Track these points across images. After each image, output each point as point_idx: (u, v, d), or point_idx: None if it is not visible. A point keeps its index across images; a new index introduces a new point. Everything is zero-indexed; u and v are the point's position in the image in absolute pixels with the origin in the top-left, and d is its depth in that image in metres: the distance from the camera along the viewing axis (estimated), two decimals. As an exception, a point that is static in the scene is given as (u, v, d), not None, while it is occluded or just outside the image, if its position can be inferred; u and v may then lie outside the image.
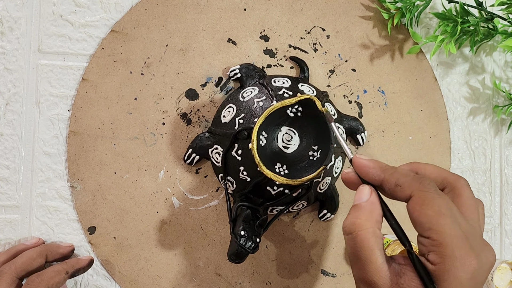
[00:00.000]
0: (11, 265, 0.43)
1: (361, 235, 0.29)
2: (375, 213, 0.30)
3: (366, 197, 0.31)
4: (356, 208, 0.31)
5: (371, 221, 0.30)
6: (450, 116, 0.53)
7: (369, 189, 0.31)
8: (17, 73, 0.49)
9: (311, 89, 0.48)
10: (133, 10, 0.49)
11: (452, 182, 0.32)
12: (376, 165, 0.32)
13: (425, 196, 0.29)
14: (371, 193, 0.31)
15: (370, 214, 0.30)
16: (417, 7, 0.49)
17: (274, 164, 0.42)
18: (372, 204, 0.31)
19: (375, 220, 0.30)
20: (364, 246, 0.29)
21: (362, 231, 0.29)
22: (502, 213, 0.53)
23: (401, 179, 0.30)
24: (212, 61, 0.50)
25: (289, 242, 0.50)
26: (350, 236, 0.30)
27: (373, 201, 0.31)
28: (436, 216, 0.28)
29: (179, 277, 0.49)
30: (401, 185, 0.30)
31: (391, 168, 0.31)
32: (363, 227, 0.29)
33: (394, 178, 0.30)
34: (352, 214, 0.30)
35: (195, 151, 0.48)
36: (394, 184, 0.30)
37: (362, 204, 0.31)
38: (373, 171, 0.32)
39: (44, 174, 0.49)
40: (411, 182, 0.30)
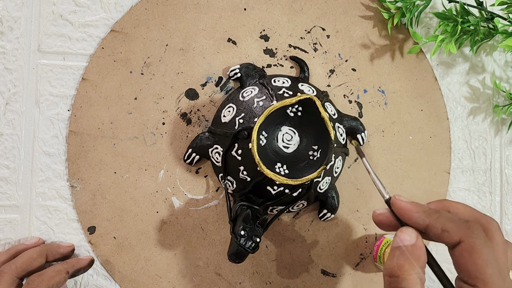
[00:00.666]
0: (12, 265, 0.42)
1: (408, 279, 0.29)
2: (422, 258, 0.30)
3: (412, 241, 0.30)
4: (401, 251, 0.30)
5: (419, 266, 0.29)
6: (450, 116, 0.53)
7: (414, 232, 0.31)
8: (17, 72, 0.49)
9: (311, 88, 0.48)
10: (133, 9, 0.49)
11: (485, 225, 0.32)
12: (420, 209, 0.31)
13: (474, 243, 0.28)
14: (417, 237, 0.30)
15: (418, 259, 0.30)
16: (417, 6, 0.49)
17: (274, 164, 0.42)
18: (419, 249, 0.30)
19: (421, 265, 0.30)
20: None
21: (410, 275, 0.29)
22: (502, 213, 0.53)
23: (447, 225, 0.30)
24: (212, 60, 0.50)
25: (289, 242, 0.50)
26: (394, 279, 0.29)
27: (420, 245, 0.30)
28: (485, 265, 0.28)
29: (179, 277, 0.49)
30: (448, 230, 0.30)
31: (435, 213, 0.31)
32: (411, 272, 0.29)
33: (440, 224, 0.30)
34: (398, 257, 0.30)
35: (195, 151, 0.48)
36: (441, 229, 0.30)
37: (408, 247, 0.30)
38: (416, 215, 0.31)
39: (44, 174, 0.49)
40: (458, 228, 0.29)
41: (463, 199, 0.53)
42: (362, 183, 0.51)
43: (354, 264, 0.51)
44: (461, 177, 0.53)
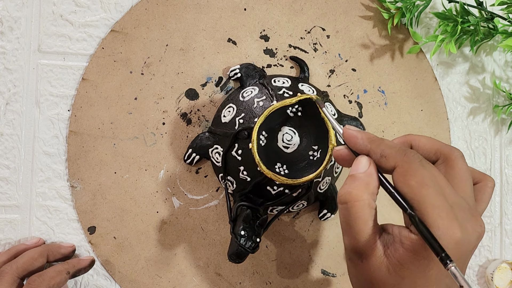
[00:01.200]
0: (13, 265, 0.43)
1: (356, 205, 0.29)
2: (371, 184, 0.30)
3: (364, 168, 0.30)
4: (352, 178, 0.30)
5: (367, 192, 0.30)
6: (450, 116, 0.53)
7: (367, 160, 0.31)
8: (17, 73, 0.49)
9: (311, 89, 0.48)
10: (133, 10, 0.49)
11: (445, 154, 0.32)
12: (364, 136, 0.32)
13: (408, 167, 0.29)
14: (369, 164, 0.31)
15: (367, 185, 0.30)
16: (417, 7, 0.49)
17: (274, 164, 0.42)
18: (369, 176, 0.30)
19: (371, 191, 0.30)
20: (359, 217, 0.29)
21: (357, 201, 0.29)
22: (502, 213, 0.53)
23: (386, 150, 0.30)
24: (212, 61, 0.50)
25: (289, 242, 0.50)
26: (345, 205, 0.30)
27: (370, 172, 0.30)
28: (418, 186, 0.28)
29: (179, 277, 0.49)
30: (386, 156, 0.30)
31: (378, 139, 0.31)
32: (359, 198, 0.29)
33: (379, 149, 0.30)
34: (349, 184, 0.30)
35: (195, 151, 0.48)
36: (380, 154, 0.30)
37: (359, 175, 0.30)
38: (360, 142, 0.31)
39: (44, 174, 0.49)
40: (396, 153, 0.30)
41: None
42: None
43: (354, 264, 0.51)
44: (461, 177, 0.53)
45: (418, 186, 0.28)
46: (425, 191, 0.28)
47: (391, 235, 0.29)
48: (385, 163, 0.30)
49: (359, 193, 0.29)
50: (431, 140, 0.33)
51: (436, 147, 0.32)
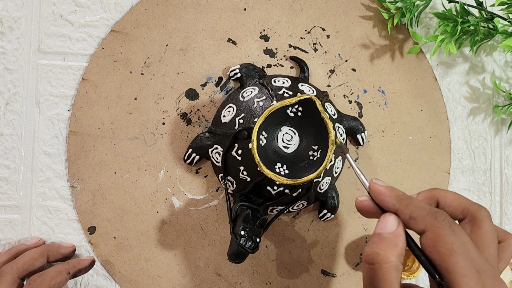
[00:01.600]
0: (13, 265, 0.43)
1: (383, 268, 0.28)
2: (399, 246, 0.29)
3: (392, 228, 0.30)
4: (380, 238, 0.29)
5: (395, 254, 0.29)
6: (450, 116, 0.53)
7: (396, 219, 0.30)
8: (17, 73, 0.49)
9: (311, 89, 0.48)
10: (133, 10, 0.49)
11: (473, 213, 0.31)
12: (392, 194, 0.31)
13: (438, 233, 0.28)
14: (398, 224, 0.30)
15: (395, 247, 0.29)
16: (417, 7, 0.49)
17: (274, 164, 0.42)
18: (397, 237, 0.29)
19: (399, 253, 0.29)
20: (385, 280, 0.28)
21: (385, 264, 0.28)
22: (502, 213, 0.53)
23: (415, 212, 0.29)
24: (212, 61, 0.50)
25: (289, 242, 0.50)
26: (371, 266, 0.29)
27: (399, 233, 0.29)
28: (448, 254, 0.27)
29: (179, 277, 0.49)
30: (415, 218, 0.29)
31: (407, 199, 0.30)
32: (386, 260, 0.28)
33: (409, 210, 0.30)
34: (376, 244, 0.29)
35: (195, 151, 0.48)
36: (409, 216, 0.30)
37: (387, 235, 0.30)
38: (388, 200, 0.31)
39: (44, 174, 0.49)
40: (425, 216, 0.29)
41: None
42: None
43: (354, 264, 0.51)
44: (461, 177, 0.53)
45: (448, 254, 0.27)
46: (455, 259, 0.27)
47: None
48: (414, 225, 0.29)
49: (387, 255, 0.29)
50: (459, 197, 0.32)
51: (464, 205, 0.32)
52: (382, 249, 0.29)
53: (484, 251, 0.30)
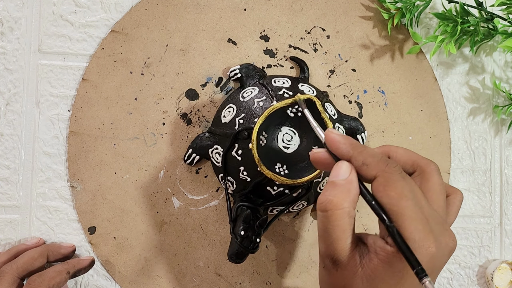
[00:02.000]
0: (13, 265, 0.43)
1: (336, 214, 0.29)
2: (352, 192, 0.29)
3: (345, 175, 0.30)
4: (333, 185, 0.30)
5: (348, 200, 0.29)
6: (450, 116, 0.53)
7: (349, 166, 0.30)
8: (17, 73, 0.49)
9: (311, 89, 0.48)
10: (133, 10, 0.49)
11: (422, 166, 0.32)
12: (347, 141, 0.31)
13: (389, 177, 0.28)
14: (350, 171, 0.30)
15: (348, 193, 0.29)
16: (417, 7, 0.49)
17: (274, 164, 0.42)
18: (350, 183, 0.30)
19: (351, 199, 0.29)
20: (338, 225, 0.29)
21: (338, 210, 0.29)
22: (502, 213, 0.53)
23: (368, 159, 0.30)
24: (212, 61, 0.50)
25: (289, 242, 0.50)
26: (324, 213, 0.29)
27: (351, 179, 0.30)
28: (398, 198, 0.28)
29: (179, 277, 0.49)
30: (368, 164, 0.29)
31: (361, 146, 0.31)
32: (339, 206, 0.29)
33: (362, 157, 0.30)
34: (329, 192, 0.29)
35: (195, 151, 0.48)
36: (362, 162, 0.30)
37: (340, 182, 0.30)
38: (343, 147, 0.31)
39: (44, 174, 0.49)
40: (377, 162, 0.29)
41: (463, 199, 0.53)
42: (362, 183, 0.51)
43: (354, 264, 0.51)
44: (461, 177, 0.53)
45: (397, 198, 0.28)
46: (404, 202, 0.28)
47: (366, 245, 0.29)
48: (366, 171, 0.30)
49: (339, 201, 0.29)
50: (409, 152, 0.33)
51: (413, 159, 0.32)
52: (335, 196, 0.29)
53: (433, 202, 0.30)
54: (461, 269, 0.53)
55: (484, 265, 0.53)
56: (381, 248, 0.28)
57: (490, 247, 0.53)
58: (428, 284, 0.26)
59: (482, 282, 0.53)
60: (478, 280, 0.53)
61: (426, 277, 0.26)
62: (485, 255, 0.53)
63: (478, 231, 0.53)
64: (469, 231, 0.53)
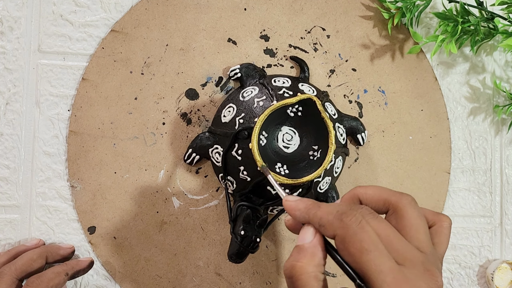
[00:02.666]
0: (11, 266, 0.42)
1: (301, 279, 0.27)
2: (317, 255, 0.28)
3: (309, 239, 0.29)
4: (298, 249, 0.29)
5: (312, 264, 0.28)
6: (450, 116, 0.53)
7: (313, 229, 0.29)
8: (17, 72, 0.49)
9: (311, 88, 0.48)
10: (133, 9, 0.49)
11: (394, 203, 0.30)
12: (301, 206, 0.30)
13: (346, 233, 0.27)
14: (314, 234, 0.29)
15: (312, 256, 0.28)
16: (417, 6, 0.49)
17: (274, 164, 0.42)
18: (314, 246, 0.28)
19: (317, 263, 0.28)
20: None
21: (302, 275, 0.28)
22: (502, 213, 0.53)
23: (323, 219, 0.28)
24: (212, 60, 0.50)
25: (289, 242, 0.50)
26: (290, 280, 0.28)
27: (315, 242, 0.29)
28: (358, 253, 0.26)
29: (179, 277, 0.49)
30: (324, 225, 0.28)
31: (315, 207, 0.29)
32: (303, 271, 0.28)
33: (317, 218, 0.29)
34: (294, 257, 0.28)
35: (195, 151, 0.48)
36: (318, 224, 0.29)
37: (304, 245, 0.29)
38: (298, 214, 0.30)
39: (44, 174, 0.49)
40: (332, 220, 0.28)
41: (463, 199, 0.53)
42: (362, 183, 0.51)
43: (354, 264, 0.51)
44: (461, 177, 0.53)
45: (358, 253, 0.26)
46: (366, 257, 0.26)
47: None
48: (325, 232, 0.28)
49: (303, 266, 0.28)
50: (378, 190, 0.31)
51: (384, 197, 0.30)
52: (299, 261, 0.28)
53: (412, 239, 0.28)
54: (461, 269, 0.53)
55: (484, 265, 0.53)
56: None
57: (491, 247, 0.53)
58: None
59: (483, 282, 0.53)
60: (478, 280, 0.53)
61: None
62: (485, 255, 0.53)
63: (479, 231, 0.53)
64: (469, 231, 0.53)
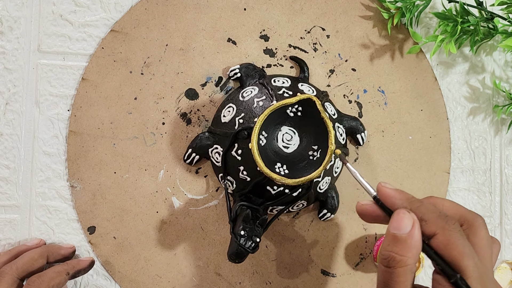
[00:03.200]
0: (12, 265, 0.43)
1: (400, 271, 0.28)
2: (416, 248, 0.29)
3: (407, 229, 0.29)
4: (396, 239, 0.29)
5: (411, 257, 0.29)
6: (450, 116, 0.53)
7: (411, 218, 0.29)
8: (17, 72, 0.49)
9: (311, 88, 0.48)
10: (133, 9, 0.49)
11: (469, 220, 0.32)
12: (402, 196, 0.31)
13: (450, 236, 0.28)
14: (413, 224, 0.29)
15: (411, 249, 0.29)
16: (417, 6, 0.49)
17: (274, 163, 0.42)
18: (412, 238, 0.29)
19: (415, 255, 0.29)
20: (400, 282, 0.28)
21: (402, 268, 0.28)
22: (502, 213, 0.53)
23: (427, 215, 0.29)
24: (212, 60, 0.50)
25: (289, 242, 0.50)
26: (387, 269, 0.29)
27: (414, 234, 0.29)
28: (460, 257, 0.28)
29: (179, 277, 0.49)
30: (426, 220, 0.29)
31: (417, 201, 0.30)
32: (403, 264, 0.28)
33: (420, 212, 0.30)
34: (392, 247, 0.29)
35: (195, 151, 0.48)
36: (420, 218, 0.29)
37: (403, 237, 0.29)
38: (398, 202, 0.31)
39: (44, 174, 0.49)
40: (437, 219, 0.29)
41: (463, 199, 0.53)
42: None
43: (354, 264, 0.51)
44: (461, 177, 0.53)
45: (460, 257, 0.28)
46: (467, 261, 0.28)
47: None
48: (425, 227, 0.29)
49: (403, 259, 0.28)
50: (455, 205, 0.33)
51: (461, 213, 0.32)
52: (398, 252, 0.29)
53: (481, 257, 0.30)
54: (461, 268, 0.53)
55: (484, 264, 0.53)
56: None
57: (490, 247, 0.53)
58: None
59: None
60: (478, 280, 0.53)
61: None
62: (485, 255, 0.53)
63: (478, 231, 0.53)
64: (469, 230, 0.53)
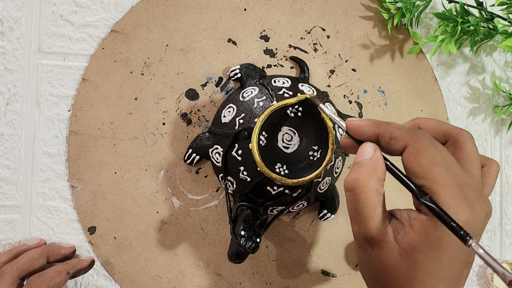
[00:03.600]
0: (13, 265, 0.43)
1: (364, 191, 0.29)
2: (378, 170, 0.30)
3: (369, 154, 0.30)
4: (358, 165, 0.30)
5: (374, 178, 0.29)
6: (450, 116, 0.53)
7: (372, 146, 0.30)
8: (17, 73, 0.49)
9: (311, 89, 0.48)
10: (133, 10, 0.49)
11: (454, 135, 0.32)
12: (369, 122, 0.31)
13: (419, 146, 0.29)
14: (374, 150, 0.30)
15: (374, 171, 0.29)
16: (417, 7, 0.49)
17: (274, 164, 0.42)
18: (375, 161, 0.30)
19: (378, 177, 0.29)
20: (367, 203, 0.29)
21: (365, 187, 0.29)
22: (502, 213, 0.53)
23: (395, 132, 0.30)
24: (212, 61, 0.50)
25: (289, 242, 0.50)
26: (352, 192, 0.29)
27: (376, 158, 0.30)
28: (430, 165, 0.28)
29: (179, 277, 0.49)
30: (395, 137, 0.30)
31: (385, 123, 0.31)
32: (366, 184, 0.29)
33: (388, 132, 0.30)
34: (355, 171, 0.30)
35: (195, 151, 0.48)
36: (389, 137, 0.30)
37: (364, 161, 0.30)
38: (367, 129, 0.31)
39: (44, 174, 0.49)
40: (405, 134, 0.29)
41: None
42: (362, 183, 0.51)
43: (354, 264, 0.51)
44: (461, 177, 0.53)
45: (429, 165, 0.28)
46: (437, 170, 0.27)
47: (400, 220, 0.29)
48: (395, 144, 0.30)
49: (366, 179, 0.29)
50: (440, 122, 0.33)
51: (445, 129, 0.32)
52: (361, 175, 0.29)
53: (467, 171, 0.30)
54: (461, 269, 0.53)
55: (484, 265, 0.53)
56: (415, 219, 0.28)
57: (490, 247, 0.53)
58: (475, 246, 0.25)
59: (482, 282, 0.53)
60: (478, 280, 0.53)
61: (471, 239, 0.25)
62: (485, 255, 0.53)
63: (478, 231, 0.53)
64: (469, 231, 0.53)
